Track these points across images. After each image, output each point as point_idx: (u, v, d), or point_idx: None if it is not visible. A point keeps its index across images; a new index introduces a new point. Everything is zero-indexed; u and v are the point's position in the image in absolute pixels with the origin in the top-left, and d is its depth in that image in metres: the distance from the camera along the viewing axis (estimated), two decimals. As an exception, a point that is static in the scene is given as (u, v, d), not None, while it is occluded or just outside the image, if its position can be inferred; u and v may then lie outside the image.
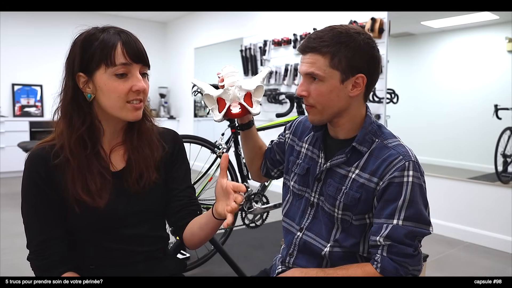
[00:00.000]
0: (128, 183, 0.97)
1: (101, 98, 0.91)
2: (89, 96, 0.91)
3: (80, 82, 0.91)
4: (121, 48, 0.88)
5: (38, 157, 0.92)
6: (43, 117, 5.66)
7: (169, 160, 1.06)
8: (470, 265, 2.71)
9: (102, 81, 0.89)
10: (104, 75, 0.89)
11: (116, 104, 0.91)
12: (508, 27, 3.16)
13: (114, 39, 0.89)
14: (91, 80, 0.90)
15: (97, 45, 0.88)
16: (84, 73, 0.90)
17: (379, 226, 0.95)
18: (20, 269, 2.42)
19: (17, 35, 5.53)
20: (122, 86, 0.90)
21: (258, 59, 4.85)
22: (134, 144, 1.00)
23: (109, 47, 0.88)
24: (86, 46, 0.89)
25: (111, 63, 0.88)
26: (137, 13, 6.19)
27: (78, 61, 0.90)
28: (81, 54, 0.89)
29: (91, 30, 0.92)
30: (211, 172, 2.19)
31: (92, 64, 0.89)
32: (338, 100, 1.00)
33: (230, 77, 1.10)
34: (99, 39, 0.89)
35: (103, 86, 0.90)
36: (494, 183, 3.17)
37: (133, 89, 0.90)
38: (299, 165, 1.14)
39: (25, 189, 0.94)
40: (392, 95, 3.60)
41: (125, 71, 0.90)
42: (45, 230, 0.92)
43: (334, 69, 0.97)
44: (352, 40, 0.96)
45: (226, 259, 1.70)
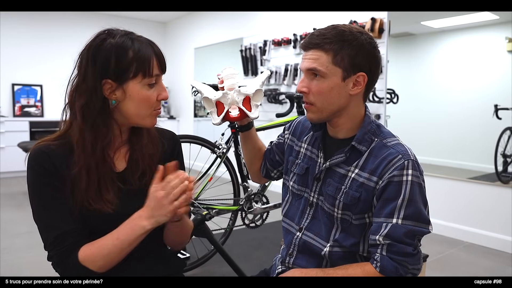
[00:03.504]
0: (130, 182, 0.98)
1: (128, 105, 0.93)
2: (113, 102, 0.93)
3: (105, 88, 0.91)
4: (156, 60, 0.93)
5: (41, 153, 0.92)
6: (43, 117, 5.67)
7: (168, 159, 1.07)
8: (470, 265, 2.71)
9: (135, 90, 0.92)
10: (138, 84, 0.92)
11: (143, 112, 0.95)
12: (508, 27, 3.16)
13: (148, 50, 0.93)
14: (121, 88, 0.91)
15: (133, 55, 0.90)
16: (113, 80, 0.91)
17: (379, 225, 0.95)
18: (20, 269, 2.43)
19: (17, 35, 5.53)
20: (152, 95, 0.94)
21: (258, 59, 4.85)
22: (140, 143, 1.01)
23: (147, 59, 0.92)
24: (120, 55, 0.90)
25: (149, 74, 0.92)
26: (137, 13, 6.19)
27: (107, 68, 0.90)
28: (114, 62, 0.89)
29: (117, 37, 0.91)
30: (211, 172, 2.19)
31: (128, 73, 0.90)
32: (339, 98, 1.00)
33: (230, 79, 1.10)
34: (133, 48, 0.90)
35: (135, 95, 0.92)
36: (494, 183, 3.17)
37: (158, 98, 0.96)
38: (298, 165, 1.14)
39: (33, 187, 0.92)
40: (392, 95, 3.60)
41: (156, 81, 0.95)
42: (59, 225, 0.89)
43: (337, 66, 0.97)
44: (355, 39, 0.97)
45: (226, 259, 1.70)
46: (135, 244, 0.90)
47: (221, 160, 2.20)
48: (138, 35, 0.95)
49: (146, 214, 0.89)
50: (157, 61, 0.94)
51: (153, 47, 0.94)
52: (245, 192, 2.24)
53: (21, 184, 4.79)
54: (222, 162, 2.21)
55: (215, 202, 2.21)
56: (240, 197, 2.28)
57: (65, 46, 5.44)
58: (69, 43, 5.21)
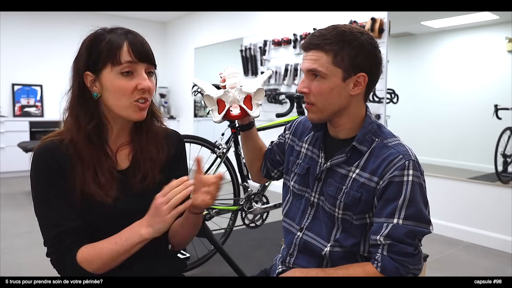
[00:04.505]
0: (132, 182, 0.98)
1: (107, 96, 0.93)
2: (95, 95, 0.93)
3: (87, 81, 0.93)
4: (127, 47, 0.90)
5: (46, 150, 0.92)
6: (43, 117, 5.67)
7: (171, 161, 1.08)
8: (470, 265, 2.71)
9: (108, 80, 0.91)
10: (110, 74, 0.91)
11: (121, 103, 0.92)
12: (508, 27, 3.16)
13: (120, 38, 0.91)
14: (98, 79, 0.92)
15: (104, 44, 0.90)
16: (91, 72, 0.92)
17: (379, 225, 0.95)
18: (20, 269, 2.42)
19: (17, 35, 5.52)
20: (128, 84, 0.91)
21: (258, 59, 4.85)
22: (141, 145, 1.01)
23: (116, 46, 0.90)
24: (93, 46, 0.91)
25: (117, 62, 0.90)
26: (137, 13, 6.19)
27: (85, 60, 0.92)
28: (88, 53, 0.91)
29: (99, 31, 0.94)
30: (211, 172, 2.19)
31: (99, 63, 0.91)
32: (339, 98, 1.00)
33: (232, 78, 1.10)
34: (106, 39, 0.91)
35: (109, 85, 0.91)
36: (494, 183, 3.17)
37: (138, 88, 0.92)
38: (299, 165, 1.14)
39: (36, 185, 0.92)
40: (392, 95, 3.60)
41: (131, 69, 0.91)
42: (61, 223, 0.90)
43: (337, 67, 0.97)
44: (355, 39, 0.97)
45: (226, 259, 1.69)
46: (132, 251, 0.89)
47: (221, 160, 2.20)
48: (122, 28, 0.94)
49: (146, 222, 0.89)
50: (130, 48, 0.90)
51: (127, 35, 0.92)
52: (245, 192, 2.24)
53: (21, 184, 4.79)
54: (222, 162, 2.21)
55: (215, 202, 2.20)
56: (240, 197, 2.28)
57: (65, 46, 5.43)
58: (69, 43, 5.23)
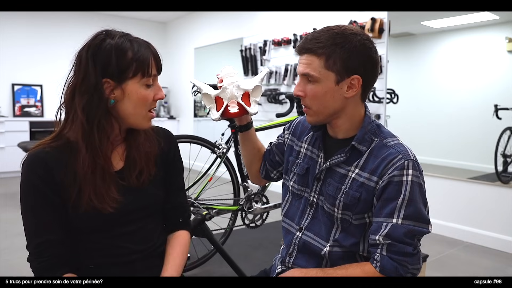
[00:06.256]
0: (129, 181, 0.98)
1: (125, 104, 0.94)
2: (112, 102, 0.93)
3: (105, 87, 0.92)
4: (153, 61, 0.96)
5: (37, 159, 0.91)
6: (43, 117, 5.66)
7: (166, 159, 1.09)
8: (470, 265, 2.71)
9: (134, 89, 0.94)
10: (136, 84, 0.94)
11: (140, 112, 0.96)
12: (508, 27, 3.16)
13: (146, 52, 0.95)
14: (120, 87, 0.93)
15: (133, 56, 0.92)
16: (113, 80, 0.92)
17: (379, 225, 0.95)
18: (20, 269, 2.42)
19: (17, 35, 5.52)
20: (149, 94, 0.96)
21: (258, 59, 4.85)
22: (136, 142, 1.01)
23: (147, 59, 0.94)
24: (120, 55, 0.91)
25: (148, 74, 0.94)
26: (137, 13, 6.19)
27: (111, 68, 0.91)
28: (115, 61, 0.91)
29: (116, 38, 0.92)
30: (211, 172, 2.19)
31: (127, 73, 0.92)
32: (334, 101, 1.00)
33: (229, 78, 1.11)
34: (134, 50, 0.92)
35: (134, 94, 0.94)
36: (494, 183, 3.17)
37: (155, 98, 0.98)
38: (299, 165, 1.14)
39: (23, 192, 0.93)
40: (392, 95, 3.59)
41: (153, 81, 0.97)
42: (43, 233, 0.91)
43: (329, 71, 0.97)
44: (347, 42, 0.96)
45: (226, 259, 1.70)
46: None
47: (221, 160, 2.20)
48: (135, 37, 0.97)
49: None
50: (155, 62, 0.96)
51: (150, 48, 0.97)
52: (245, 192, 2.24)
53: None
54: (222, 162, 2.21)
55: (215, 202, 2.21)
56: (240, 197, 2.28)
57: (65, 46, 5.42)
58: (69, 43, 5.21)
